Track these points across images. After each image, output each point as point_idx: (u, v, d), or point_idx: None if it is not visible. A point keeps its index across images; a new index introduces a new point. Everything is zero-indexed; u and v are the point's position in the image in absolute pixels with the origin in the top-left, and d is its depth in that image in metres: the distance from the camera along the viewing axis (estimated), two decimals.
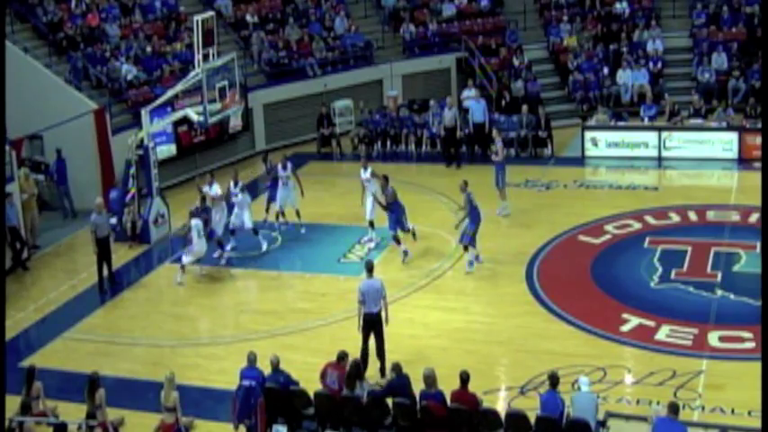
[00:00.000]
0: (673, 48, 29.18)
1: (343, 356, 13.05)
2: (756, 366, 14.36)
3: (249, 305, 18.15)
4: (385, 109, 27.73)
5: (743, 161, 23.61)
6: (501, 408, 13.21)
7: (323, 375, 12.99)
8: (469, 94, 26.98)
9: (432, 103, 26.79)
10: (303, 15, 29.79)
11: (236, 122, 25.66)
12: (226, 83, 20.77)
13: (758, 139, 23.74)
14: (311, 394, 12.91)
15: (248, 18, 28.93)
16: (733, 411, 13.23)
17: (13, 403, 13.26)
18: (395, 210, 18.87)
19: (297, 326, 16.78)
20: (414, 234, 19.32)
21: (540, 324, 16.33)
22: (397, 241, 18.95)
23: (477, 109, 25.76)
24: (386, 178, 19.09)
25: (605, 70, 27.99)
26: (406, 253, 18.92)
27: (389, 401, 12.64)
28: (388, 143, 26.92)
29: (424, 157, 26.16)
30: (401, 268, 18.73)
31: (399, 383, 12.61)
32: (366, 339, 14.58)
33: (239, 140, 26.72)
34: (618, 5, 30.05)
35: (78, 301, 18.40)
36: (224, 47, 25.23)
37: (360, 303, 14.53)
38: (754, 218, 19.88)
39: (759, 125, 24.27)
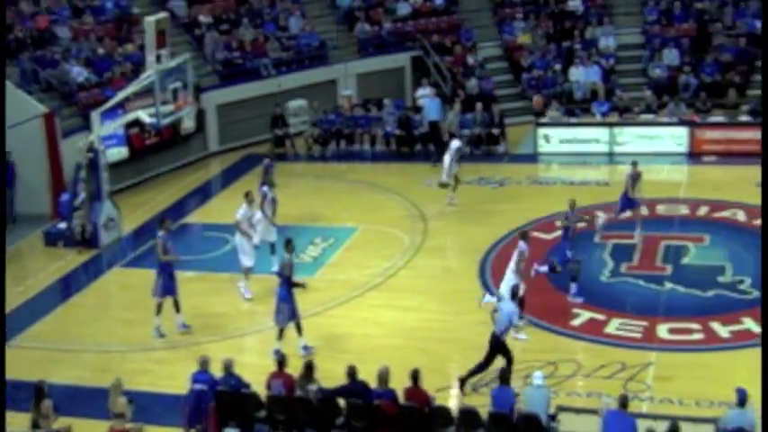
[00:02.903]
0: (625, 44, 29.42)
1: (281, 361, 13.00)
2: (703, 357, 14.68)
3: (200, 308, 18.02)
4: (339, 108, 27.73)
5: (693, 155, 23.91)
6: (454, 405, 13.26)
7: (268, 386, 12.94)
8: (424, 92, 27.05)
9: (386, 101, 26.82)
10: (257, 15, 29.69)
11: (188, 124, 25.52)
12: (179, 84, 20.66)
13: (708, 134, 24.09)
14: (263, 397, 12.87)
15: (202, 18, 28.77)
16: (681, 402, 13.38)
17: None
18: None
19: (248, 328, 16.72)
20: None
21: None
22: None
23: (432, 107, 25.87)
24: None
25: (558, 67, 28.18)
26: None
27: (341, 402, 12.64)
28: (343, 143, 26.90)
29: (378, 155, 26.18)
30: (355, 268, 18.74)
31: (354, 389, 12.61)
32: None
33: (192, 142, 26.55)
34: (571, 3, 30.24)
35: (26, 308, 18.14)
36: (177, 48, 25.04)
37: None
38: (703, 211, 20.14)
39: (709, 120, 24.64)
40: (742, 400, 11.53)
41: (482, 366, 13.93)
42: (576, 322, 16.00)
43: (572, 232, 17.09)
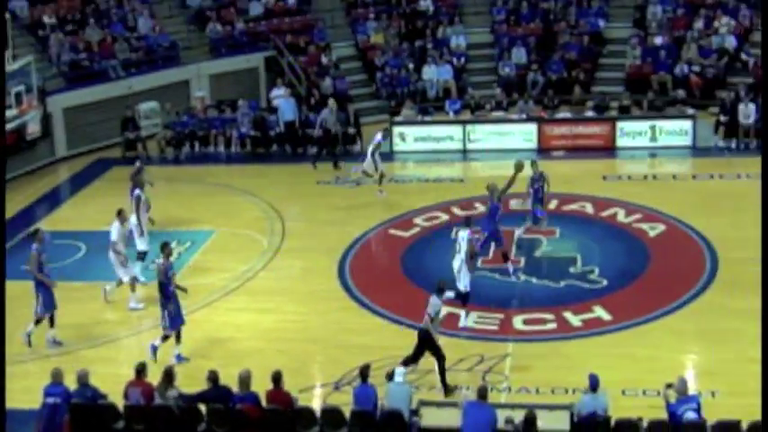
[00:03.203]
0: (475, 43, 30.09)
1: (140, 370, 12.69)
2: (557, 345, 15.11)
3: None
4: (192, 110, 27.27)
5: (542, 151, 24.61)
6: (316, 405, 13.23)
7: (126, 396, 12.61)
8: (279, 92, 26.92)
9: (240, 102, 26.55)
10: (104, 16, 28.90)
11: (34, 129, 24.57)
12: (22, 87, 19.91)
13: (556, 130, 24.86)
14: (120, 407, 12.53)
15: (46, 19, 27.78)
16: (538, 391, 13.75)
17: None
18: None
19: (104, 337, 16.24)
20: None
21: (354, 319, 16.47)
22: None
23: (287, 107, 25.77)
24: None
25: (411, 66, 28.54)
26: None
27: (203, 407, 12.44)
28: (197, 145, 26.47)
29: (234, 157, 25.90)
30: (213, 272, 18.48)
31: (215, 394, 12.40)
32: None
33: (38, 147, 25.53)
34: (422, 3, 30.71)
35: None
36: (20, 50, 24.15)
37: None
38: (553, 204, 20.72)
39: (556, 116, 25.45)
40: (594, 385, 11.93)
41: (414, 359, 13.96)
42: None
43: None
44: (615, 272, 17.44)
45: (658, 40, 27.98)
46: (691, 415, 11.63)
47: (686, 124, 24.39)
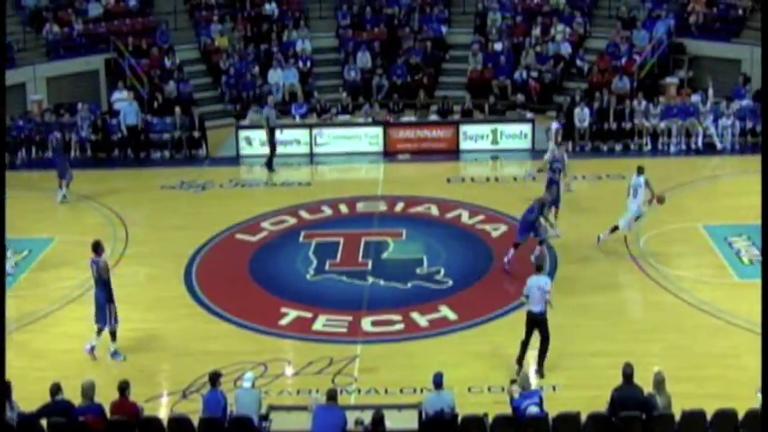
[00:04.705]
0: (320, 47, 30.19)
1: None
2: (405, 346, 15.32)
3: None
4: (29, 114, 26.23)
5: (388, 154, 24.94)
6: (164, 414, 12.98)
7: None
8: (121, 96, 26.26)
9: (80, 106, 25.74)
10: None
11: None
12: None
13: (401, 133, 25.22)
14: None
15: None
16: (386, 391, 13.89)
17: None
18: None
19: None
20: None
21: (201, 325, 16.23)
22: None
23: (129, 111, 25.15)
24: None
25: (256, 70, 28.37)
26: None
27: (44, 422, 11.99)
28: (34, 150, 25.50)
29: (73, 162, 25.02)
30: (53, 280, 17.86)
31: (56, 407, 11.94)
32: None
33: None
34: (267, 6, 30.59)
35: None
36: None
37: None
38: (400, 207, 21.07)
39: (401, 120, 25.83)
40: (437, 383, 12.15)
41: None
42: (283, 322, 16.15)
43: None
44: (460, 272, 17.81)
45: (498, 46, 28.84)
46: (533, 409, 12.01)
47: (526, 127, 25.19)
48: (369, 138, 25.22)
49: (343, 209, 21.08)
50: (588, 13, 30.22)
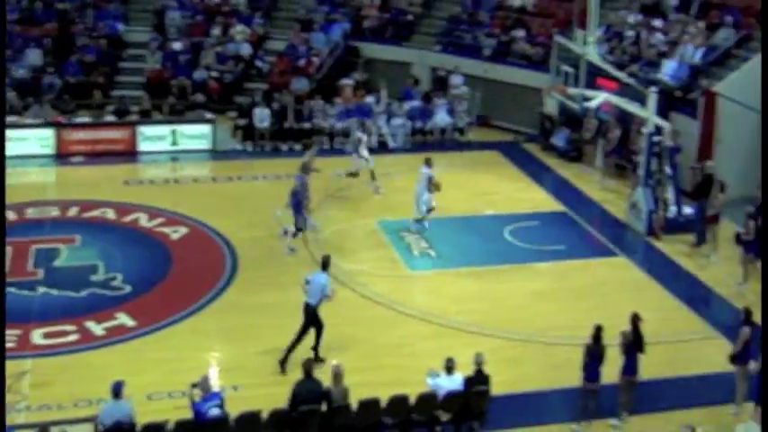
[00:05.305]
0: None
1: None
2: (80, 357, 14.67)
3: None
4: None
5: (60, 156, 23.74)
6: None
7: None
8: None
9: None
10: None
11: None
12: None
13: (75, 135, 24.11)
14: None
15: None
16: (60, 406, 13.23)
17: None
18: None
19: None
20: None
21: None
22: None
23: None
24: None
25: None
26: None
27: None
28: None
29: None
30: None
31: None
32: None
33: None
34: None
35: None
36: None
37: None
38: (73, 211, 20.14)
39: (75, 120, 24.71)
40: (116, 392, 11.75)
41: (299, 339, 14.39)
42: None
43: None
44: (138, 277, 17.30)
45: (177, 45, 28.36)
46: (215, 411, 11.94)
47: (206, 128, 24.95)
48: (39, 140, 23.85)
49: (12, 215, 19.75)
50: (267, 14, 30.52)
